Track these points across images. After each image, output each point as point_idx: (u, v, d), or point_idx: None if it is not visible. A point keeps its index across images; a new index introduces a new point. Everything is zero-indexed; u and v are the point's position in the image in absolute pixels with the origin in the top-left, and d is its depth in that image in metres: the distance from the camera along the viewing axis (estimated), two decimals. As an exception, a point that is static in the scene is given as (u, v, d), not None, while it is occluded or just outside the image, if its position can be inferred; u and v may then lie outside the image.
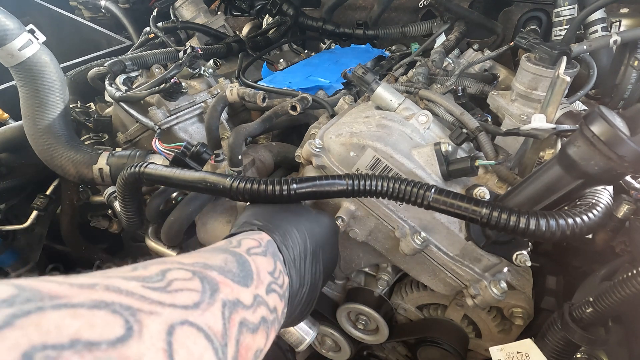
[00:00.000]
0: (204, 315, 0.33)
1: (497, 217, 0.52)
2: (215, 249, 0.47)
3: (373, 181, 0.57)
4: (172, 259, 0.39)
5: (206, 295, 0.35)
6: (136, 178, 0.70)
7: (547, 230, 0.50)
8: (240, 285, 0.40)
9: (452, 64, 1.12)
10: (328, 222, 0.64)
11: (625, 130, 0.48)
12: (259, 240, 0.50)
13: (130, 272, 0.33)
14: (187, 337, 0.30)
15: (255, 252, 0.48)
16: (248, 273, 0.43)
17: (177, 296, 0.32)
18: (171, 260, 0.38)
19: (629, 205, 0.71)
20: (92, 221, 1.14)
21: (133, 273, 0.33)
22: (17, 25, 0.78)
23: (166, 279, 0.34)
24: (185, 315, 0.31)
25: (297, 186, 0.58)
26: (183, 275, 0.35)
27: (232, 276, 0.40)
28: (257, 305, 0.41)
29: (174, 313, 0.30)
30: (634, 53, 0.91)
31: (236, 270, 0.42)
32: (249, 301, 0.40)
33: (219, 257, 0.42)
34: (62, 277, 0.28)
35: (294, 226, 0.56)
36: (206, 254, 0.44)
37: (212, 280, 0.37)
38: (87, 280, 0.29)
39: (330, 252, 0.63)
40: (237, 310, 0.37)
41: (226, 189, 0.60)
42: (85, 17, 1.66)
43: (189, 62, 0.99)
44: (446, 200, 0.55)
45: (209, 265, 0.39)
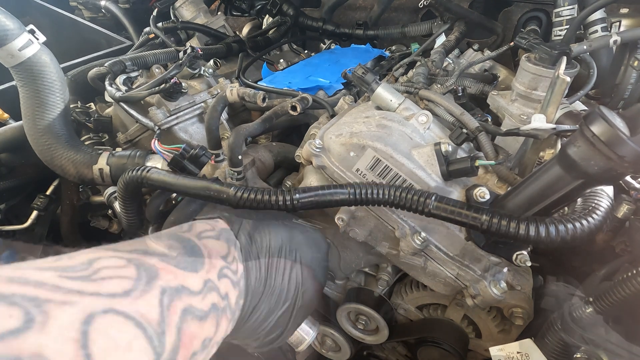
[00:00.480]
0: (135, 303, 0.32)
1: (497, 224, 0.53)
2: (161, 234, 0.45)
3: (374, 190, 0.58)
4: (107, 247, 0.38)
5: (141, 283, 0.34)
6: (138, 183, 0.70)
7: (546, 236, 0.51)
8: (187, 271, 0.39)
9: (452, 64, 1.12)
10: (319, 240, 0.62)
11: (625, 131, 0.48)
12: (212, 225, 0.49)
13: (50, 263, 0.33)
14: (111, 325, 0.29)
15: (206, 235, 0.46)
16: (197, 258, 0.42)
17: (103, 284, 0.32)
18: (105, 248, 0.37)
19: (629, 205, 0.71)
20: (92, 221, 1.14)
21: (54, 263, 0.33)
22: (17, 26, 0.78)
23: (92, 268, 0.33)
24: (110, 304, 0.30)
25: (299, 196, 0.59)
26: (115, 263, 0.35)
27: (176, 262, 0.39)
28: (207, 291, 0.40)
29: (96, 302, 0.30)
30: (634, 53, 0.91)
31: (182, 255, 0.41)
32: (197, 287, 0.39)
33: (162, 243, 0.41)
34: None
35: (270, 227, 0.55)
36: (150, 240, 0.42)
37: (150, 268, 0.36)
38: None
39: (316, 269, 0.61)
40: (180, 297, 0.36)
41: (230, 199, 0.60)
42: (85, 17, 1.66)
43: (189, 62, 0.99)
44: (447, 208, 0.56)
45: (149, 252, 0.38)
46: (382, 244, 0.74)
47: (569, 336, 0.61)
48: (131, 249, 0.38)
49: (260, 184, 0.85)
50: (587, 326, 0.60)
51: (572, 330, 0.60)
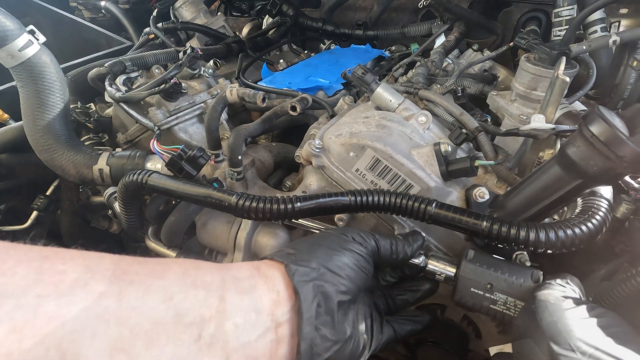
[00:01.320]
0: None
1: (497, 230, 0.53)
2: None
3: (375, 196, 0.59)
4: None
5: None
6: (138, 187, 0.70)
7: (546, 241, 0.51)
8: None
9: (451, 65, 1.13)
10: (368, 267, 0.53)
11: (624, 131, 0.49)
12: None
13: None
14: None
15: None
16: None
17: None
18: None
19: (628, 205, 0.71)
20: (92, 221, 1.14)
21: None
22: (17, 26, 0.78)
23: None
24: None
25: (300, 204, 0.59)
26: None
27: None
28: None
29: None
30: (633, 53, 0.91)
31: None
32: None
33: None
34: None
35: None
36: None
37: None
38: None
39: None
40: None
41: (231, 207, 0.61)
42: (86, 17, 1.66)
43: (189, 62, 0.99)
44: (447, 215, 0.56)
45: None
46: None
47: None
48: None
49: (260, 185, 0.85)
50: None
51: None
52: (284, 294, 0.43)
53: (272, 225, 0.79)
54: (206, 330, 0.36)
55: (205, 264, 0.42)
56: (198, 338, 0.35)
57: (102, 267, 0.33)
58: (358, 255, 0.51)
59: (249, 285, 0.42)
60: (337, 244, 0.51)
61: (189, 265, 0.40)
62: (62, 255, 0.32)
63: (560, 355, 0.40)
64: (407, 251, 0.57)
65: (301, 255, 0.47)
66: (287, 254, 0.48)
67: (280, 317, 0.42)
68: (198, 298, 0.37)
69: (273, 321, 0.42)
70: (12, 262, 0.29)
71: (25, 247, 0.32)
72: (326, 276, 0.46)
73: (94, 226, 1.14)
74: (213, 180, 0.78)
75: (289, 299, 0.43)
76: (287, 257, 0.47)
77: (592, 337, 0.40)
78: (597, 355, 0.38)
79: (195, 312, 0.36)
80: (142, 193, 0.83)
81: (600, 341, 0.39)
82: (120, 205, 0.80)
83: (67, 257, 0.32)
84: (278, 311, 0.42)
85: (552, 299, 0.46)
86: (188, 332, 0.35)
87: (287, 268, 0.45)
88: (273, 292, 0.43)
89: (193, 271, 0.39)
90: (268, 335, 0.41)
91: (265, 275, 0.44)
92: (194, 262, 0.42)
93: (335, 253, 0.49)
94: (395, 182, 0.67)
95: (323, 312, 0.43)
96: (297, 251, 0.48)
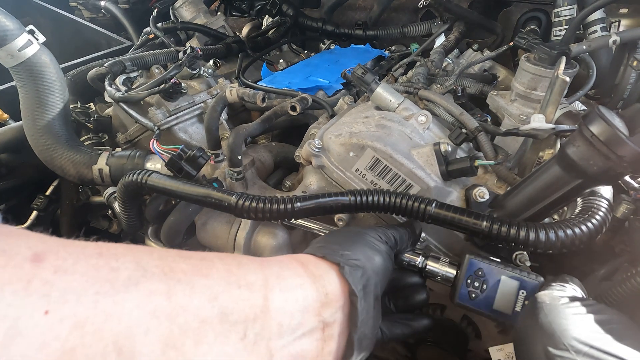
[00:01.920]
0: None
1: (497, 230, 0.53)
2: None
3: (374, 196, 0.59)
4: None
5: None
6: (138, 187, 0.70)
7: (546, 241, 0.51)
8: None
9: (451, 64, 1.13)
10: (390, 266, 0.54)
11: (624, 130, 0.49)
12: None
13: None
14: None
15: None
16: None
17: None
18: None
19: (628, 205, 0.70)
20: (92, 221, 1.14)
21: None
22: (17, 26, 0.78)
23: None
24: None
25: (300, 204, 0.59)
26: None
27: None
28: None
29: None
30: (633, 53, 0.92)
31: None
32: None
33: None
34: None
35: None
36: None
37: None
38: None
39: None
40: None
41: (231, 207, 0.61)
42: (85, 17, 1.66)
43: (189, 62, 0.99)
44: (447, 215, 0.56)
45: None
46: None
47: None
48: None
49: (260, 184, 0.85)
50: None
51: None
52: (333, 295, 0.44)
53: (272, 225, 0.79)
54: (251, 329, 0.37)
55: (247, 260, 0.43)
56: (244, 336, 0.36)
57: (151, 264, 0.34)
58: (387, 255, 0.53)
59: (293, 285, 0.42)
60: (373, 244, 0.52)
61: (232, 262, 0.41)
62: (114, 252, 0.33)
63: (555, 356, 0.40)
64: (410, 241, 0.60)
65: (348, 254, 0.48)
66: (333, 251, 0.48)
67: (329, 317, 0.43)
68: (242, 298, 0.37)
69: (320, 322, 0.42)
70: (72, 260, 0.30)
71: (81, 244, 0.33)
72: (370, 277, 0.47)
73: (94, 226, 1.14)
74: (213, 180, 0.78)
75: (339, 299, 0.44)
76: (336, 256, 0.47)
77: (587, 335, 0.40)
78: (591, 353, 0.38)
79: (239, 312, 0.37)
80: (142, 193, 0.82)
81: (597, 338, 0.39)
82: (120, 205, 0.80)
83: (119, 253, 0.33)
84: (326, 312, 0.43)
85: (548, 299, 0.46)
86: (234, 331, 0.36)
87: (342, 270, 0.45)
88: (321, 293, 0.43)
89: (236, 269, 0.40)
90: (315, 334, 0.42)
91: (313, 274, 0.45)
92: (236, 259, 0.42)
93: (375, 253, 0.51)
94: (395, 182, 0.67)
95: (367, 311, 0.45)
96: (342, 248, 0.49)
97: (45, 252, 0.29)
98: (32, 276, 0.27)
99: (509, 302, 0.55)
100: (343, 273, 0.45)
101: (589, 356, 0.38)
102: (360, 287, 0.45)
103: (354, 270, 0.46)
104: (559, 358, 0.40)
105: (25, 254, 0.28)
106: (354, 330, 0.44)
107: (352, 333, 0.44)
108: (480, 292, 0.56)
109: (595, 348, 0.38)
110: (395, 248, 0.56)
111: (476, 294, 0.57)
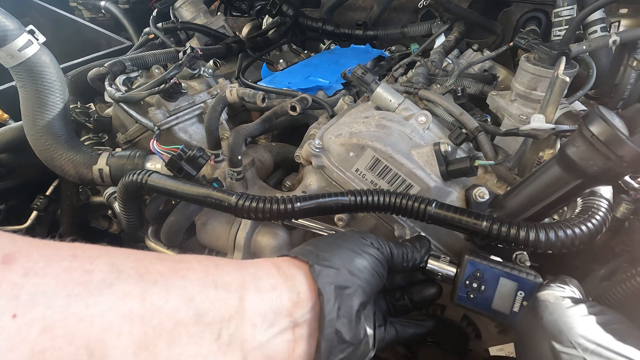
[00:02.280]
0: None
1: (497, 230, 0.53)
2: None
3: (374, 196, 0.59)
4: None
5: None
6: (138, 187, 0.70)
7: (546, 241, 0.51)
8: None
9: (451, 64, 1.13)
10: (382, 270, 0.53)
11: (624, 130, 0.49)
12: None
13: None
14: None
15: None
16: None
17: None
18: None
19: (628, 205, 0.71)
20: (92, 221, 1.14)
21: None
22: (17, 26, 0.78)
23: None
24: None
25: (300, 204, 0.59)
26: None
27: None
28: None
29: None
30: (633, 53, 0.91)
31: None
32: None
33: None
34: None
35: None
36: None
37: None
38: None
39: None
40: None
41: (231, 207, 0.61)
42: (85, 17, 1.66)
43: (189, 62, 0.99)
44: (447, 215, 0.56)
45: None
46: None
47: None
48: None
49: (260, 185, 0.85)
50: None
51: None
52: (304, 294, 0.44)
53: (272, 225, 0.79)
54: (225, 330, 0.37)
55: (224, 261, 0.43)
56: (218, 337, 0.36)
57: (126, 266, 0.34)
58: (376, 260, 0.51)
59: (268, 285, 0.42)
60: (357, 246, 0.51)
61: (209, 263, 0.41)
62: (89, 254, 0.33)
63: (561, 352, 0.40)
64: (417, 258, 0.58)
65: (323, 255, 0.47)
66: (308, 252, 0.48)
67: (299, 317, 0.43)
68: (218, 298, 0.37)
69: (291, 322, 0.42)
70: (43, 262, 0.30)
71: (55, 245, 0.33)
72: (347, 278, 0.46)
73: (94, 226, 1.14)
74: (213, 180, 0.78)
75: (309, 299, 0.44)
76: (310, 256, 0.47)
77: (593, 334, 0.40)
78: (598, 351, 0.38)
79: (215, 312, 0.37)
80: (142, 193, 0.83)
81: (601, 338, 0.39)
82: (120, 205, 0.80)
83: (93, 255, 0.33)
84: (297, 312, 0.43)
85: (552, 299, 0.46)
86: (208, 332, 0.36)
87: (311, 269, 0.45)
88: (293, 293, 0.43)
89: (213, 270, 0.40)
90: (286, 335, 0.42)
91: (285, 274, 0.44)
92: (214, 260, 0.42)
93: (356, 255, 0.49)
94: (395, 182, 0.67)
95: (342, 314, 0.44)
96: (318, 250, 0.49)
97: (16, 253, 0.29)
98: (1, 279, 0.27)
99: (507, 302, 0.55)
100: (312, 272, 0.44)
101: (596, 354, 0.38)
102: (331, 287, 0.44)
103: (323, 269, 0.45)
104: (565, 355, 0.39)
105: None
106: (320, 331, 0.43)
107: (319, 335, 0.43)
108: (478, 292, 0.57)
109: (602, 346, 0.38)
110: (390, 259, 0.54)
111: (475, 294, 0.57)
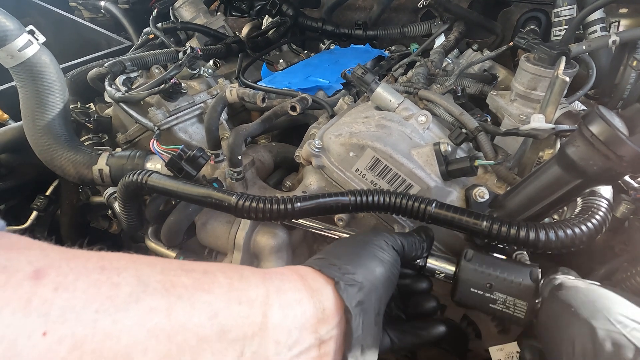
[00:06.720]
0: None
1: (497, 230, 0.53)
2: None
3: (374, 196, 0.59)
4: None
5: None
6: (138, 187, 0.70)
7: (546, 241, 0.51)
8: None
9: (451, 64, 1.13)
10: (394, 275, 0.52)
11: (624, 130, 0.49)
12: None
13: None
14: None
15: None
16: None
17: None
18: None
19: (628, 205, 0.71)
20: (92, 221, 1.14)
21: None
22: (17, 26, 0.78)
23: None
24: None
25: (300, 205, 0.59)
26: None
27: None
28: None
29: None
30: (633, 53, 0.92)
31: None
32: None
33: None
34: None
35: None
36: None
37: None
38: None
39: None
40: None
41: (231, 207, 0.61)
42: (85, 17, 1.66)
43: (189, 62, 0.99)
44: (447, 215, 0.56)
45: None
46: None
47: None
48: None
49: (260, 185, 0.85)
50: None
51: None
52: (329, 311, 0.43)
53: (272, 225, 0.79)
54: (248, 347, 0.37)
55: (249, 272, 0.42)
56: (240, 355, 0.36)
57: (152, 279, 0.34)
58: (392, 263, 0.51)
59: (293, 300, 0.42)
60: (375, 254, 0.51)
61: (235, 275, 0.40)
62: (116, 265, 0.33)
63: (601, 330, 0.40)
64: (423, 247, 0.58)
65: (346, 267, 0.47)
66: (330, 265, 0.47)
67: (325, 334, 0.43)
68: (241, 315, 0.37)
69: (317, 339, 0.42)
70: (73, 276, 0.30)
71: (84, 256, 0.33)
72: (369, 292, 0.46)
73: (94, 226, 1.14)
74: (213, 180, 0.78)
75: (335, 315, 0.44)
76: (333, 270, 0.46)
77: (631, 313, 0.40)
78: (639, 327, 0.39)
79: (238, 329, 0.37)
80: (142, 193, 0.83)
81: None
82: (120, 205, 0.80)
83: (121, 267, 0.33)
84: (323, 329, 0.42)
85: (582, 284, 0.47)
86: (231, 349, 0.36)
87: (337, 285, 0.44)
88: (318, 309, 0.43)
89: (237, 283, 0.40)
90: (311, 352, 0.42)
91: (311, 288, 0.44)
92: (239, 272, 0.42)
93: (377, 264, 0.49)
94: (395, 182, 0.67)
95: (366, 329, 0.44)
96: (339, 260, 0.48)
97: (46, 267, 0.29)
98: (32, 294, 0.27)
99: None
100: (338, 289, 0.44)
101: (637, 330, 0.39)
102: (355, 304, 0.44)
103: (349, 287, 0.45)
104: (604, 332, 0.39)
105: (26, 270, 0.28)
106: (348, 348, 0.43)
107: (345, 351, 0.43)
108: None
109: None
110: (402, 254, 0.54)
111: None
